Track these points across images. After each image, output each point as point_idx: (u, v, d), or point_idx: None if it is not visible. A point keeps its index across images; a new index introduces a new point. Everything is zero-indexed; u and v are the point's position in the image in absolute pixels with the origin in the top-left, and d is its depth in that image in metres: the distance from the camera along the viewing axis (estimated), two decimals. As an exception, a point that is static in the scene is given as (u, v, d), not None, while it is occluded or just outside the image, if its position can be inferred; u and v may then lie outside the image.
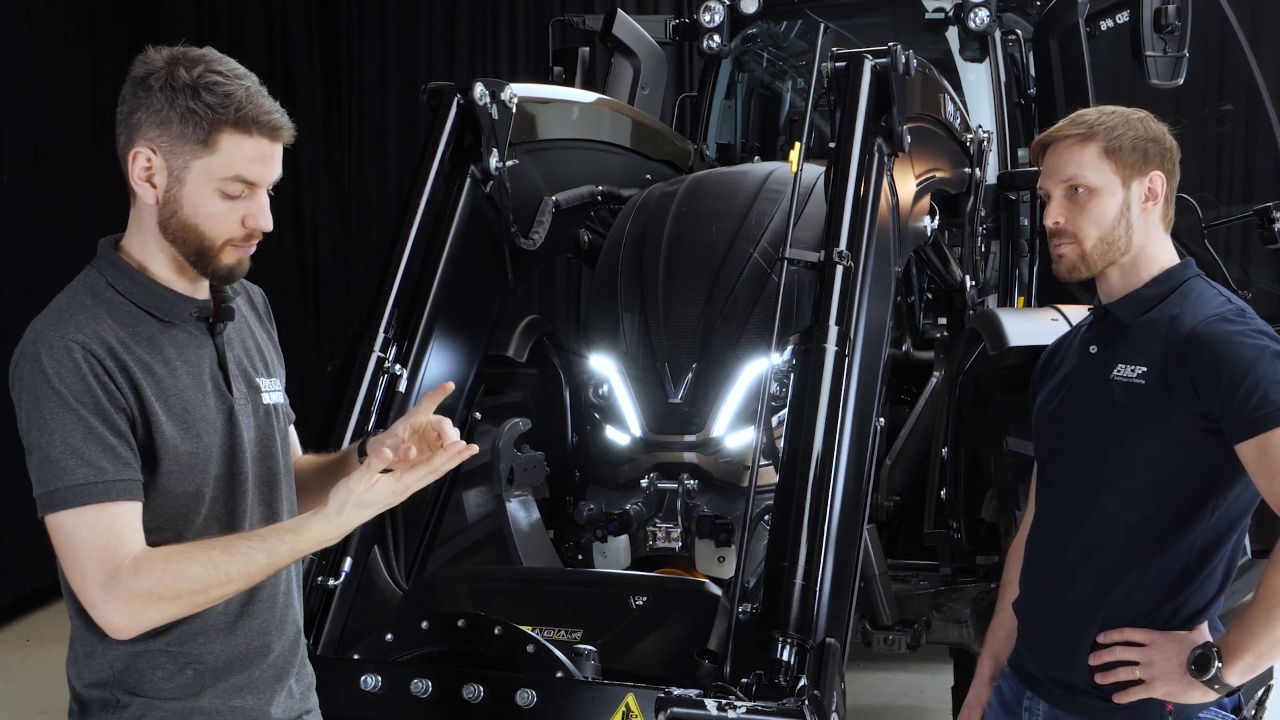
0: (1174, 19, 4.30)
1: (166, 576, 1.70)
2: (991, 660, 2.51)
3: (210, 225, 1.82)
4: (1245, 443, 2.02)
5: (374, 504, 1.81)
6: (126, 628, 1.73)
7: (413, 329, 3.23)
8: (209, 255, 1.83)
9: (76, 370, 1.72)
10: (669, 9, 8.15)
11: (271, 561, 1.77)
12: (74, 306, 1.79)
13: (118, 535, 1.71)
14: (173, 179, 1.80)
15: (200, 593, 1.73)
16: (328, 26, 8.92)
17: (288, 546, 1.78)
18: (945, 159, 3.96)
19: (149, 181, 1.81)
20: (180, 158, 1.79)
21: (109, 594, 1.69)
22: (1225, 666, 2.02)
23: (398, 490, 1.82)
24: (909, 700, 5.27)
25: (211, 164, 1.79)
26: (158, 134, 1.79)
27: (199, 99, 1.77)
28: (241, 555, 1.75)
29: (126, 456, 1.73)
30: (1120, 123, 2.23)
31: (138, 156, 1.80)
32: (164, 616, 1.74)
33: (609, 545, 3.40)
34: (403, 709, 2.42)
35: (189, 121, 1.77)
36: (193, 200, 1.80)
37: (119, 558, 1.70)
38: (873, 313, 2.93)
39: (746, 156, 6.08)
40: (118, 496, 1.71)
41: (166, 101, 1.77)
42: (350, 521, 1.81)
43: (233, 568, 1.73)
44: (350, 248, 8.90)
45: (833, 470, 2.61)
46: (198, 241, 1.82)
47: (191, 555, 1.73)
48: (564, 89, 4.81)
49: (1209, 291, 2.21)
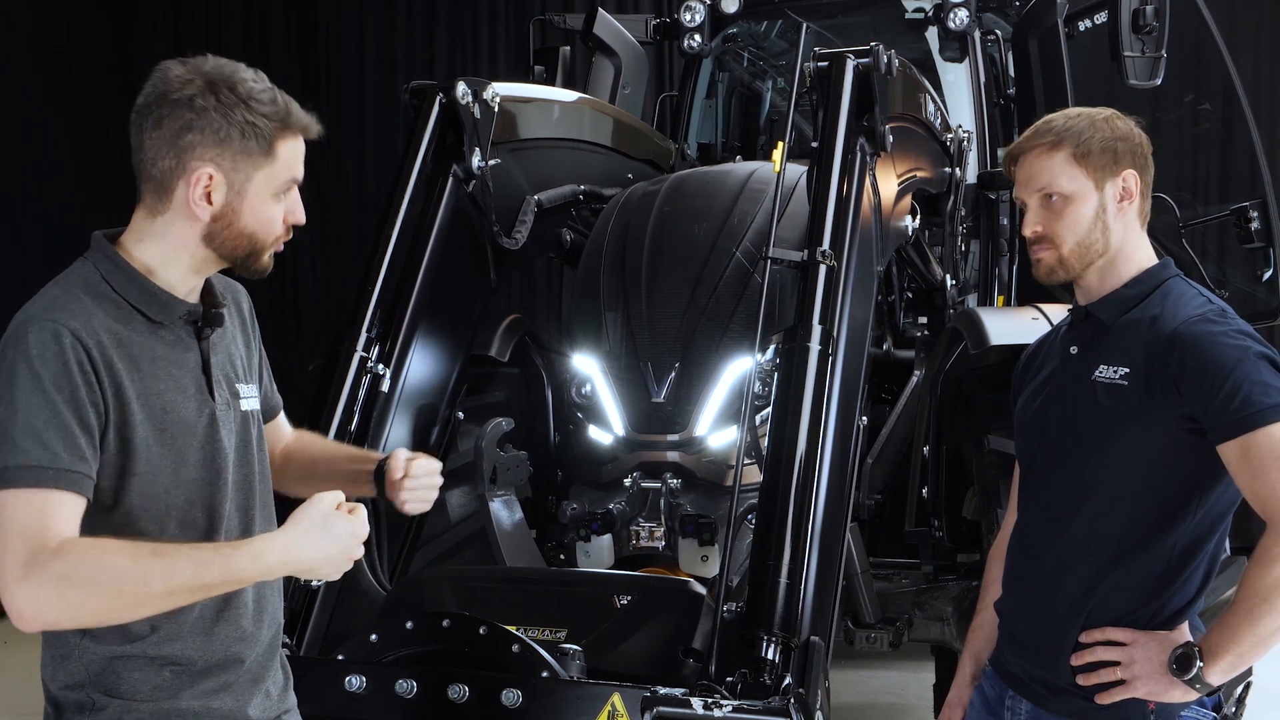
0: (1152, 20, 4.33)
1: (83, 563, 1.64)
2: (973, 660, 2.51)
3: (265, 229, 1.85)
4: (1228, 443, 2.03)
5: (333, 534, 1.76)
6: (30, 614, 1.64)
7: (395, 328, 3.22)
8: (257, 256, 1.87)
9: (60, 355, 1.70)
10: (649, 8, 8.16)
11: (199, 574, 1.68)
12: (68, 295, 1.78)
13: (50, 519, 1.66)
14: (233, 193, 1.81)
15: (113, 588, 1.64)
16: (306, 25, 8.89)
17: (220, 560, 1.70)
18: (926, 159, 3.98)
19: (207, 200, 1.80)
20: (242, 171, 1.80)
21: (24, 574, 1.63)
22: (1206, 666, 2.03)
23: (356, 529, 1.78)
24: (890, 698, 5.29)
25: (273, 171, 1.83)
26: (217, 152, 1.79)
27: (254, 111, 1.79)
28: (167, 559, 1.67)
29: (84, 450, 1.70)
30: (1086, 126, 2.23)
31: (199, 178, 1.79)
32: (72, 610, 1.66)
33: (592, 544, 3.40)
34: (388, 709, 2.41)
35: (250, 135, 1.79)
36: (253, 209, 1.83)
37: (44, 539, 1.64)
38: (856, 312, 2.94)
39: (727, 156, 6.08)
40: (64, 486, 1.68)
41: (222, 118, 1.78)
42: (304, 547, 1.74)
43: (155, 569, 1.65)
44: (329, 247, 8.86)
45: (816, 469, 2.62)
46: (249, 246, 1.85)
47: (119, 548, 1.67)
48: (546, 88, 4.81)
49: (1189, 291, 2.22)
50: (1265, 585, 1.98)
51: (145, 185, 1.83)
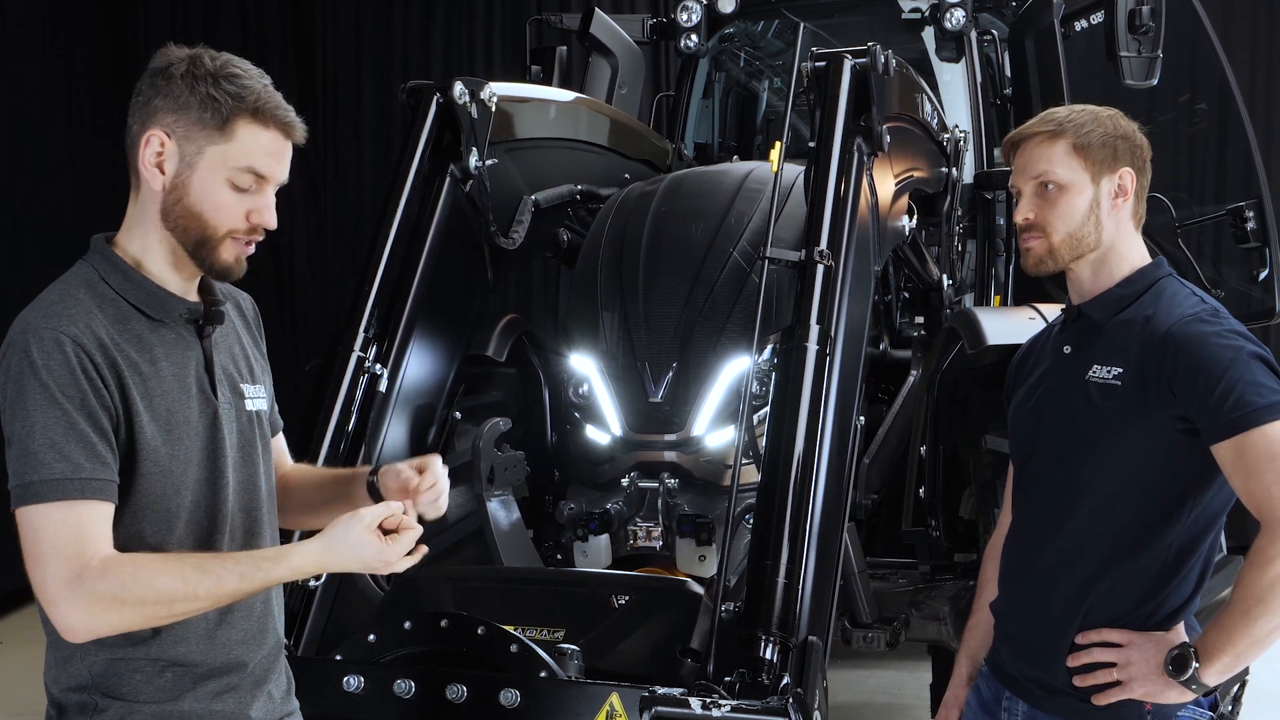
0: (1148, 20, 4.33)
1: (134, 583, 1.68)
2: (969, 660, 2.51)
3: (215, 214, 1.82)
4: (1222, 444, 2.04)
5: (360, 556, 1.82)
6: (82, 630, 1.70)
7: (393, 328, 3.22)
8: (209, 246, 1.83)
9: (66, 363, 1.71)
10: (645, 8, 8.16)
11: (242, 587, 1.76)
12: (66, 299, 1.77)
13: (87, 534, 1.69)
14: (183, 164, 1.80)
15: (164, 605, 1.71)
16: (303, 25, 8.89)
17: (262, 574, 1.77)
18: (923, 158, 3.98)
19: (159, 167, 1.81)
20: (194, 143, 1.80)
21: (71, 593, 1.67)
22: (1203, 667, 2.04)
23: (385, 556, 1.83)
24: (887, 697, 5.30)
25: (226, 152, 1.80)
26: (174, 119, 1.79)
27: (219, 87, 1.79)
28: (213, 574, 1.73)
29: (105, 456, 1.71)
30: (1089, 120, 2.25)
31: (150, 140, 1.80)
32: (123, 623, 1.72)
33: (590, 544, 3.40)
34: (386, 709, 2.41)
35: (207, 107, 1.79)
36: (201, 187, 1.81)
37: (86, 557, 1.67)
38: (853, 312, 2.95)
39: (724, 156, 6.09)
40: (92, 495, 1.69)
41: (187, 88, 1.79)
42: (332, 563, 1.82)
43: (202, 586, 1.71)
44: (326, 247, 8.87)
45: (814, 469, 2.62)
46: (199, 230, 1.82)
47: (164, 566, 1.72)
48: (542, 88, 4.82)
49: (1182, 291, 2.23)
50: (1260, 586, 1.98)
51: (129, 165, 1.84)
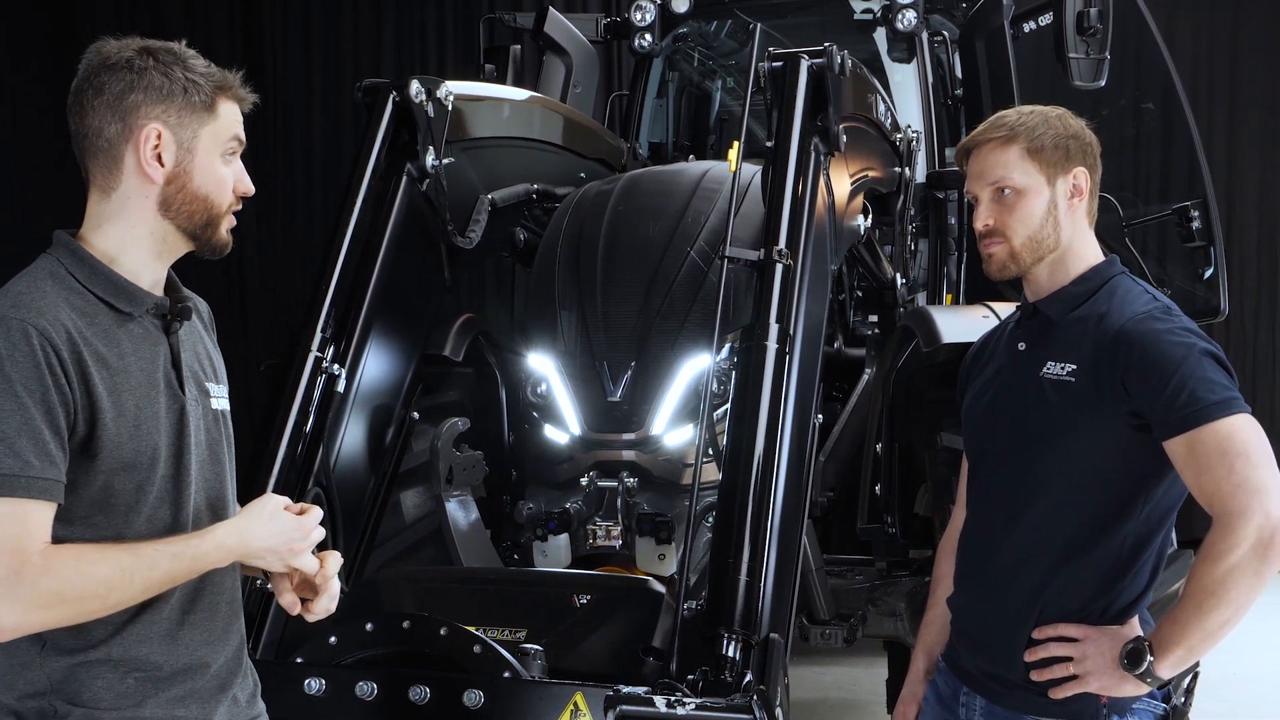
0: (1096, 22, 4.39)
1: (76, 577, 1.66)
2: (925, 655, 2.54)
3: (218, 192, 1.85)
4: (1174, 440, 2.07)
5: (280, 527, 1.85)
6: (11, 628, 1.66)
7: (350, 328, 3.19)
8: (215, 225, 1.87)
9: (31, 355, 1.68)
10: (598, 7, 8.15)
11: (174, 569, 1.74)
12: (34, 291, 1.75)
13: (29, 532, 1.66)
14: (183, 151, 1.82)
15: (101, 598, 1.69)
16: (251, 23, 8.79)
17: (191, 551, 1.76)
18: (877, 158, 4.01)
19: (158, 160, 1.80)
20: (188, 128, 1.81)
21: (7, 590, 1.63)
22: (1157, 660, 2.07)
23: (303, 525, 1.87)
24: (843, 694, 5.33)
25: (216, 128, 1.84)
26: (162, 109, 1.80)
27: (191, 70, 1.81)
28: (147, 558, 1.71)
29: (55, 455, 1.68)
30: (1040, 122, 2.27)
31: (148, 135, 1.79)
32: (56, 620, 1.69)
33: (549, 544, 3.39)
34: (348, 712, 2.39)
35: (192, 90, 1.81)
36: (203, 168, 1.83)
37: (26, 553, 1.64)
38: (811, 310, 2.96)
39: (678, 155, 6.10)
40: (38, 495, 1.67)
41: (164, 76, 1.79)
42: (254, 535, 1.83)
43: (137, 572, 1.70)
44: (276, 246, 8.78)
45: (775, 467, 2.63)
46: (205, 211, 1.85)
47: (102, 556, 1.69)
48: (498, 87, 4.80)
49: (1135, 289, 2.26)
50: (1213, 580, 2.01)
51: (93, 163, 1.82)
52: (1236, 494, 2.01)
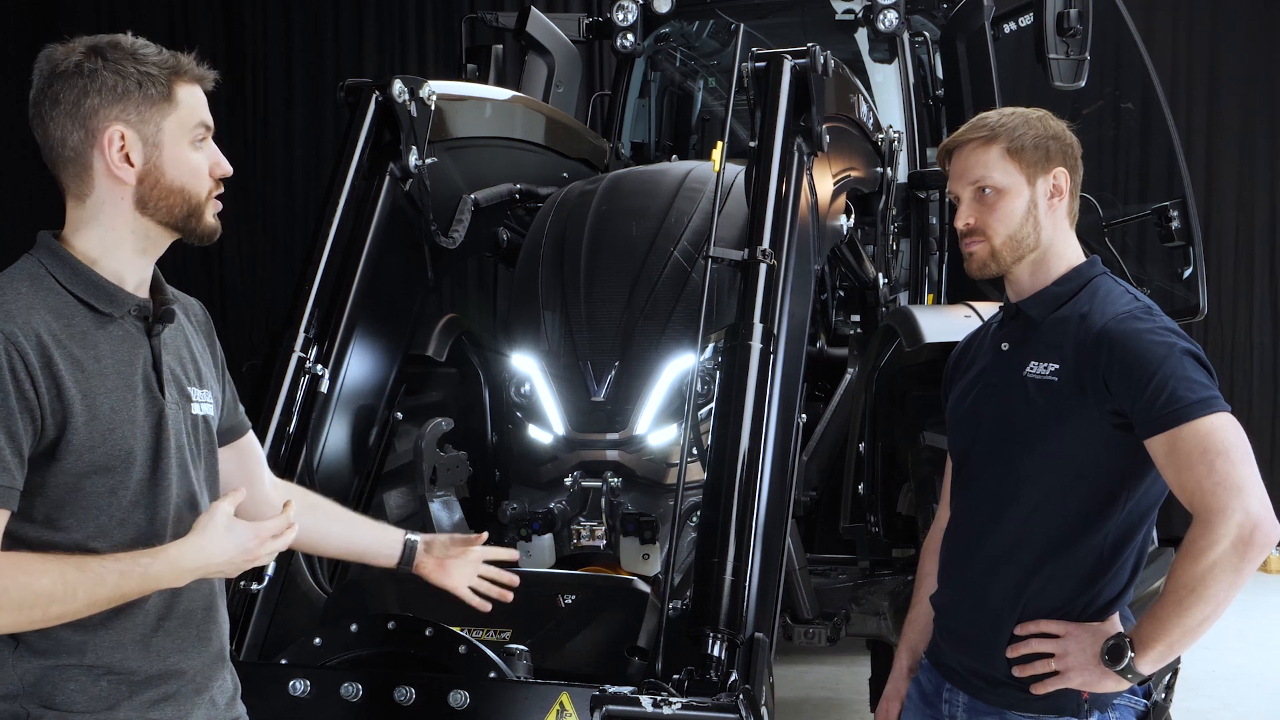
0: (1076, 23, 4.42)
1: (14, 587, 1.64)
2: (909, 653, 2.55)
3: (194, 180, 1.83)
4: (1155, 438, 2.08)
5: (237, 540, 1.80)
6: None
7: (333, 329, 3.19)
8: (198, 214, 1.84)
9: None
10: (580, 7, 8.15)
11: (122, 585, 1.70)
12: (9, 293, 1.73)
13: None
14: (150, 147, 1.79)
15: (40, 609, 1.66)
16: (232, 23, 8.76)
17: (140, 569, 1.72)
18: (860, 158, 4.03)
19: (127, 161, 1.78)
20: (151, 123, 1.79)
21: None
22: (1137, 656, 2.08)
23: (259, 533, 1.82)
24: (826, 692, 5.35)
25: (180, 117, 1.81)
26: (120, 109, 1.77)
27: (144, 62, 1.78)
28: (92, 574, 1.68)
29: (10, 463, 1.66)
30: (1020, 123, 2.29)
31: (112, 139, 1.77)
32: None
33: (533, 544, 3.39)
34: (333, 713, 2.38)
35: (147, 84, 1.78)
36: (174, 160, 1.81)
37: None
38: (795, 310, 2.97)
39: (660, 155, 6.11)
40: None
41: (116, 74, 1.77)
42: (211, 550, 1.77)
43: (81, 587, 1.67)
44: (256, 246, 8.75)
45: (759, 467, 2.64)
46: (185, 203, 1.82)
47: (44, 567, 1.67)
48: (481, 86, 4.80)
49: (1116, 289, 2.27)
50: (1193, 577, 2.02)
51: (64, 173, 1.80)
52: (1217, 492, 2.02)
